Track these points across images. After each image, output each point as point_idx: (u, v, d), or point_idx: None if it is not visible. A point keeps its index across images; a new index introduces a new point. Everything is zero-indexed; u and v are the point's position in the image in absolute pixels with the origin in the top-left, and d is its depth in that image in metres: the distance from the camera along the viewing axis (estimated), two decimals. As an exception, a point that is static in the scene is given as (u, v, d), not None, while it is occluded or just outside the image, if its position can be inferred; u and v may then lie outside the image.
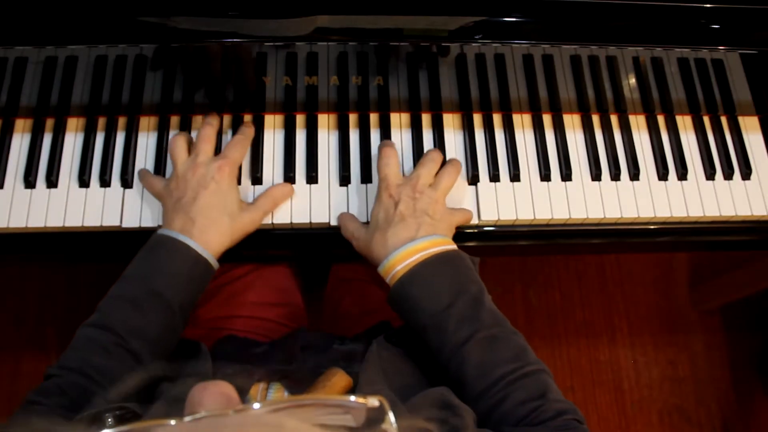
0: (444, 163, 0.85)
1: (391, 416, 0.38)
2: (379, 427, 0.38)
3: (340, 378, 0.56)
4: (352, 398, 0.37)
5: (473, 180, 0.87)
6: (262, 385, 0.66)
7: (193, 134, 0.88)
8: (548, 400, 0.65)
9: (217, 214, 0.76)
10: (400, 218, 0.75)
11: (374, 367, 0.66)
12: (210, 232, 0.75)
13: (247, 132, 0.85)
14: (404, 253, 0.73)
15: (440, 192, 0.80)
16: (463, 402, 0.66)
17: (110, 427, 0.56)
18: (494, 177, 0.87)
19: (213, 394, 0.39)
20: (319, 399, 0.39)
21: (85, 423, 0.57)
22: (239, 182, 0.85)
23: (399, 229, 0.75)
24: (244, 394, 0.63)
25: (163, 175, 0.86)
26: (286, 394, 0.63)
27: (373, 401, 0.37)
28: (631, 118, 0.92)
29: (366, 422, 0.38)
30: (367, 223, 0.81)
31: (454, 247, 0.76)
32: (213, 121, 0.84)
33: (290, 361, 0.71)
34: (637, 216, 0.87)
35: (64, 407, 0.64)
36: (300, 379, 0.67)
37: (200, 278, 0.76)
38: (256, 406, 0.36)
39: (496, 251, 0.90)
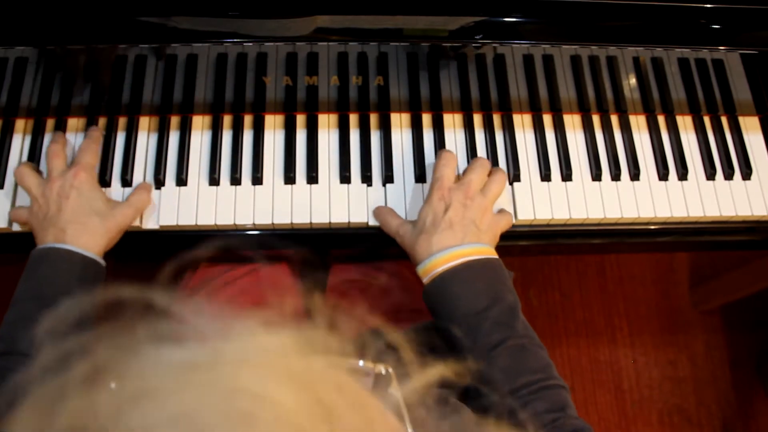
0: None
1: (395, 383, 0.41)
2: (387, 391, 0.41)
3: None
4: (361, 363, 0.41)
5: (473, 180, 0.87)
6: None
7: (194, 134, 0.88)
8: (567, 415, 0.66)
9: (85, 218, 0.76)
10: (448, 225, 0.76)
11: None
12: (83, 236, 0.75)
13: (95, 135, 0.84)
14: (447, 256, 0.75)
15: (489, 199, 0.80)
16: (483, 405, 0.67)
17: None
18: (494, 177, 0.87)
19: None
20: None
21: None
22: (239, 182, 0.85)
23: (445, 236, 0.76)
24: None
25: (169, 176, 0.85)
26: None
27: (380, 368, 0.41)
28: (632, 118, 0.92)
29: (373, 386, 0.42)
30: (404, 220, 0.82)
31: (495, 256, 0.77)
32: (58, 138, 0.84)
33: None
34: (637, 216, 0.87)
35: None
36: None
37: (92, 278, 0.75)
38: None
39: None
